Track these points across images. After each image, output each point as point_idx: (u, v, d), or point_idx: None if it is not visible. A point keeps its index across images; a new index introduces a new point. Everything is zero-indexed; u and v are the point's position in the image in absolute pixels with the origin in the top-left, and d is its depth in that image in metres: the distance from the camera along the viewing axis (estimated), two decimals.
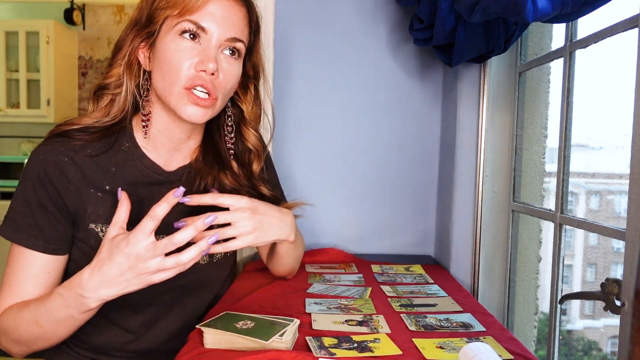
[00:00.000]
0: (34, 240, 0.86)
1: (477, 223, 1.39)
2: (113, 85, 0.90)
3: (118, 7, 3.91)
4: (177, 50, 0.84)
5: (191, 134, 0.96)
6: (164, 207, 0.75)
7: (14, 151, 3.93)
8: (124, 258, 0.74)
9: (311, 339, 0.82)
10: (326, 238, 1.59)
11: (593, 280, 1.82)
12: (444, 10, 1.08)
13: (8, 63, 3.68)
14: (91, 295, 0.76)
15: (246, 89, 0.98)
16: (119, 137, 0.93)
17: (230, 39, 0.86)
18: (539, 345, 1.37)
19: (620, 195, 1.55)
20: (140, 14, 0.88)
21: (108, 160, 0.91)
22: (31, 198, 0.86)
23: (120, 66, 0.89)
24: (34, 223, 0.86)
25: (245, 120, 1.00)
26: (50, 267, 0.88)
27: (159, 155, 0.95)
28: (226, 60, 0.87)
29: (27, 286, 0.86)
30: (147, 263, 0.74)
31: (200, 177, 0.96)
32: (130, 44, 0.89)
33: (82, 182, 0.88)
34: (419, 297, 1.10)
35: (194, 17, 0.83)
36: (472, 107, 1.39)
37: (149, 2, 0.87)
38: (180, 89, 0.84)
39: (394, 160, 1.59)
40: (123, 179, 0.91)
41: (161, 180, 0.95)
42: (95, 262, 0.76)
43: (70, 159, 0.87)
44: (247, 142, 1.00)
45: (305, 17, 1.56)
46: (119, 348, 0.96)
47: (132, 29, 0.89)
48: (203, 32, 0.84)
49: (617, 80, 1.16)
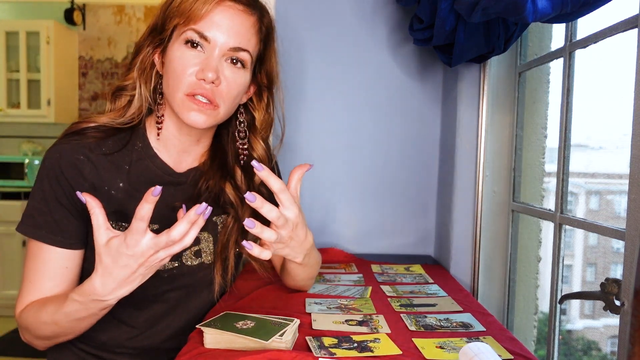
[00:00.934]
0: (52, 236, 0.88)
1: (477, 223, 1.39)
2: (130, 87, 0.93)
3: (118, 7, 3.92)
4: (182, 58, 0.86)
5: (200, 138, 0.97)
6: (146, 208, 0.73)
7: (14, 151, 3.94)
8: (130, 259, 0.74)
9: (311, 339, 0.82)
10: (326, 238, 1.59)
11: (593, 280, 1.82)
12: (444, 10, 1.08)
13: (8, 63, 3.69)
14: (110, 297, 0.78)
15: (261, 97, 1.00)
16: (132, 137, 0.95)
17: (233, 49, 0.87)
18: (539, 345, 1.37)
19: (620, 195, 1.55)
20: (156, 21, 0.91)
21: (122, 159, 0.93)
22: (48, 195, 0.88)
23: (136, 70, 0.92)
24: (52, 219, 0.88)
25: (256, 129, 1.01)
26: (69, 262, 0.90)
27: (169, 156, 0.97)
28: (230, 68, 0.88)
29: (47, 281, 0.88)
30: (155, 256, 0.75)
31: (205, 180, 0.97)
32: (146, 48, 0.92)
33: (97, 180, 0.90)
34: (419, 297, 1.10)
35: (198, 26, 0.85)
36: (472, 107, 1.39)
37: (163, 9, 0.89)
38: (182, 95, 0.86)
39: (394, 160, 1.59)
40: (136, 177, 0.93)
41: (171, 180, 0.96)
42: (102, 269, 0.76)
43: (86, 156, 0.89)
44: (254, 152, 1.01)
45: (305, 17, 1.56)
46: (122, 344, 0.97)
47: (149, 35, 0.92)
48: (206, 41, 0.85)
49: (616, 80, 1.16)
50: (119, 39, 3.95)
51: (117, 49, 3.96)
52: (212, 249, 1.00)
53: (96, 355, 0.98)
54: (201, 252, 0.99)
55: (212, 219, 0.99)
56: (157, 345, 0.99)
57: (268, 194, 1.01)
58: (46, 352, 1.00)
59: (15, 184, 3.59)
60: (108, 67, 3.97)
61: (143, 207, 0.73)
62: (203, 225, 0.77)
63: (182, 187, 0.97)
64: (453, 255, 1.42)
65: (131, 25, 3.93)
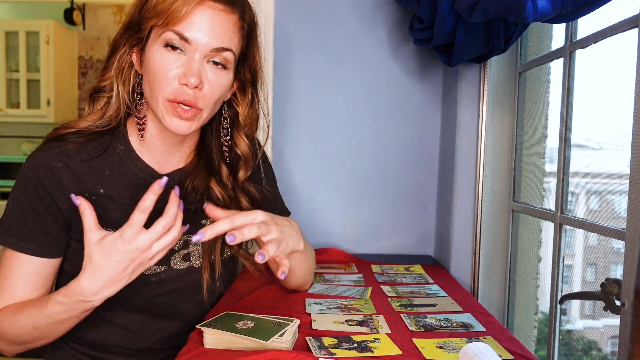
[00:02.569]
0: (25, 244, 0.86)
1: (477, 223, 1.39)
2: (108, 87, 0.90)
3: (118, 7, 3.91)
4: (162, 61, 0.83)
5: (185, 138, 0.95)
6: (150, 199, 0.75)
7: (14, 151, 3.93)
8: (124, 254, 0.74)
9: (311, 339, 0.82)
10: (326, 238, 1.59)
11: (593, 280, 1.82)
12: (444, 10, 1.08)
13: (8, 63, 3.68)
14: (95, 298, 0.77)
15: (244, 92, 0.97)
16: (113, 140, 0.93)
17: (216, 49, 0.84)
18: (539, 345, 1.37)
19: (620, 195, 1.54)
20: (131, 19, 0.88)
21: (102, 164, 0.91)
22: (23, 202, 0.87)
23: (113, 70, 0.89)
24: (26, 227, 0.86)
25: (239, 124, 0.98)
26: (42, 270, 0.88)
27: (152, 157, 0.95)
28: (212, 70, 0.85)
29: (19, 288, 0.87)
30: (148, 251, 0.76)
31: (191, 180, 0.96)
32: (122, 47, 0.89)
33: (77, 187, 0.88)
34: (419, 297, 1.10)
35: (178, 27, 0.81)
36: (472, 107, 1.39)
37: (138, 8, 0.86)
38: (164, 100, 0.84)
39: (394, 160, 1.59)
40: (117, 181, 0.91)
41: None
42: (91, 268, 0.75)
43: (64, 164, 0.87)
44: (237, 148, 0.99)
45: (305, 17, 1.56)
46: (117, 345, 0.97)
47: (125, 33, 0.89)
48: (187, 43, 0.82)
49: (617, 80, 1.16)
50: None
51: None
52: (200, 252, 0.98)
53: (91, 355, 0.97)
54: (190, 256, 0.97)
55: (200, 221, 0.97)
56: (152, 346, 0.98)
57: (258, 192, 1.02)
58: (42, 353, 0.99)
59: None
60: None
61: (147, 198, 0.74)
62: (191, 228, 0.77)
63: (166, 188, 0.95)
64: (453, 255, 1.41)
65: None
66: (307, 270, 1.06)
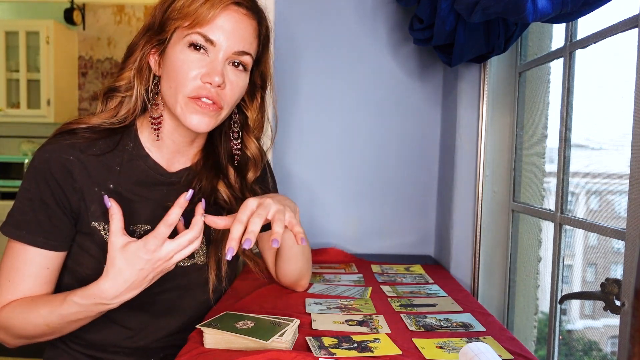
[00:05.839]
0: (34, 237, 0.87)
1: (477, 223, 1.39)
2: (124, 88, 0.92)
3: (118, 7, 3.91)
4: (186, 61, 0.86)
5: (194, 139, 0.98)
6: (176, 213, 0.78)
7: (14, 151, 3.93)
8: (147, 263, 0.77)
9: (311, 339, 0.82)
10: (326, 238, 1.59)
11: (593, 280, 1.82)
12: (444, 10, 1.08)
13: (8, 63, 3.68)
14: (115, 301, 0.80)
15: (253, 97, 1.01)
16: (124, 137, 0.95)
17: (237, 52, 0.88)
18: (539, 345, 1.37)
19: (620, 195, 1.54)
20: (153, 21, 0.90)
21: (113, 160, 0.92)
22: (33, 195, 0.87)
23: (131, 70, 0.91)
24: (35, 220, 0.87)
25: (249, 127, 1.02)
26: (50, 264, 0.89)
27: (162, 156, 0.97)
28: (233, 72, 0.89)
29: (27, 282, 0.88)
30: (170, 260, 0.79)
31: (198, 180, 0.98)
32: (142, 49, 0.91)
33: (87, 181, 0.89)
34: (419, 297, 1.10)
35: (203, 29, 0.85)
36: (472, 107, 1.39)
37: (162, 10, 0.89)
38: (184, 97, 0.86)
39: (394, 160, 1.59)
40: (127, 178, 0.93)
41: (163, 180, 0.96)
42: (113, 272, 0.77)
43: (76, 157, 0.89)
44: (247, 150, 1.02)
45: (305, 17, 1.56)
46: (116, 344, 0.97)
47: (145, 35, 0.91)
48: (211, 45, 0.86)
49: (617, 80, 1.16)
50: (119, 39, 3.94)
51: (117, 49, 3.95)
52: (205, 250, 1.00)
53: (90, 355, 0.97)
54: (194, 253, 0.99)
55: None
56: (151, 345, 0.98)
57: (263, 192, 1.03)
58: (42, 353, 1.00)
59: (15, 184, 3.57)
60: (108, 67, 3.97)
61: (173, 212, 0.77)
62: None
63: (175, 187, 0.96)
64: (453, 255, 1.42)
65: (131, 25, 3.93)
66: (305, 261, 1.07)
